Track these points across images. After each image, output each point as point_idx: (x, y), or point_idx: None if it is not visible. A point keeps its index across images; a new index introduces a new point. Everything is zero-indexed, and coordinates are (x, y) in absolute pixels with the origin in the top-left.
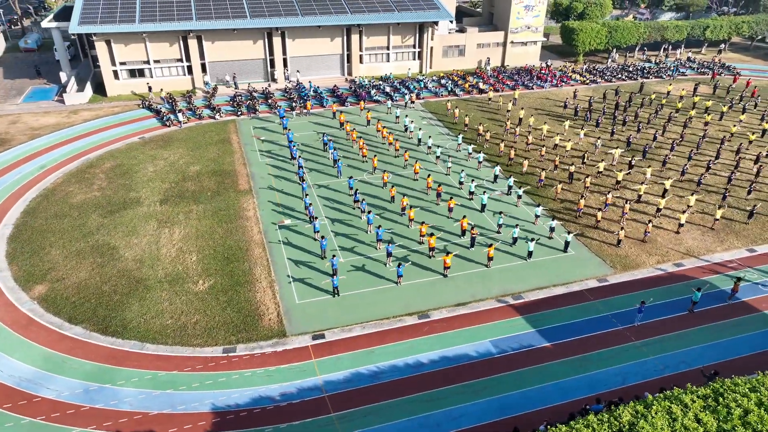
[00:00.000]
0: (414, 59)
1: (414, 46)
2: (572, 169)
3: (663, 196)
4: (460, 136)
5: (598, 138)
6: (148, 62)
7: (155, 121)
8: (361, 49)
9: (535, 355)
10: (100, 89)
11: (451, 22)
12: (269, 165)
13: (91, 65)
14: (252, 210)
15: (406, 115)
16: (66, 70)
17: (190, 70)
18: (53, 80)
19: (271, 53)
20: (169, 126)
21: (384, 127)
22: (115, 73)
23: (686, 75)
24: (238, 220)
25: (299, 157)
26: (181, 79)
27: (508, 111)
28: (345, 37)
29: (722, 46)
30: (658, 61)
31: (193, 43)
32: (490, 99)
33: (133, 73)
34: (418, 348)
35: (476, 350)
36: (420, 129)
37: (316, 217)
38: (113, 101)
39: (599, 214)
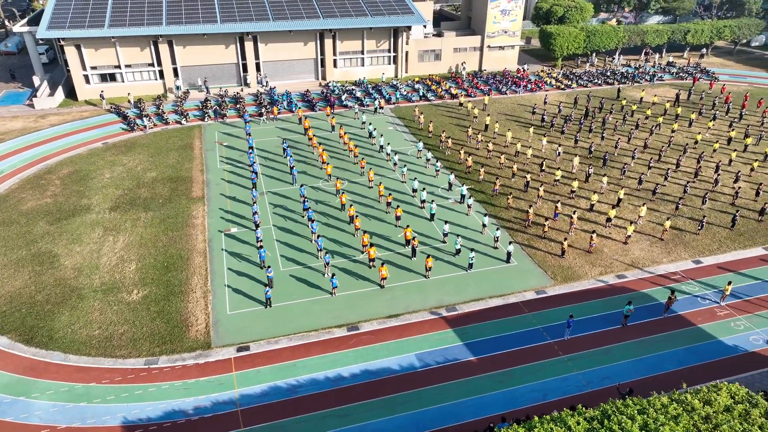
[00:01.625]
0: (389, 63)
1: (389, 51)
2: (528, 177)
3: (617, 206)
4: (420, 143)
5: (559, 146)
6: (119, 67)
7: (122, 127)
8: (335, 54)
9: (459, 369)
10: (73, 93)
11: (425, 26)
12: (227, 171)
13: (64, 69)
14: (201, 218)
15: (370, 123)
16: (39, 74)
17: (162, 74)
18: (29, 84)
19: (244, 58)
20: (134, 131)
21: (346, 133)
22: (86, 77)
23: (663, 80)
24: (184, 228)
25: (255, 163)
26: (154, 83)
27: (475, 117)
28: (318, 42)
29: (704, 50)
30: (637, 65)
31: (164, 48)
32: (460, 104)
33: (104, 78)
34: (342, 361)
35: (400, 364)
36: (381, 135)
37: (257, 224)
38: (84, 106)
39: (546, 225)
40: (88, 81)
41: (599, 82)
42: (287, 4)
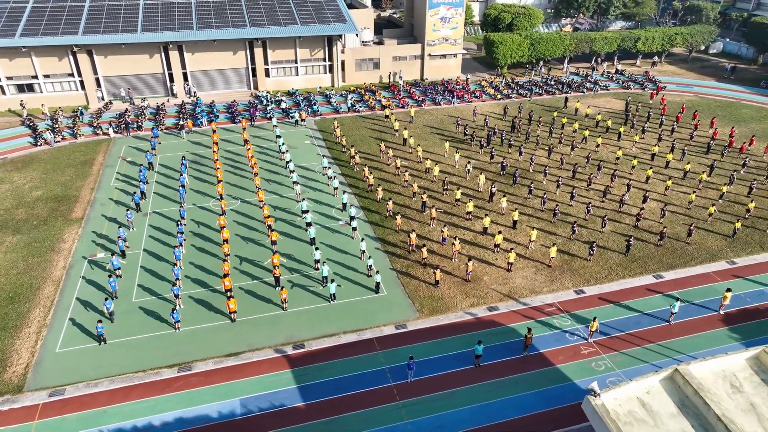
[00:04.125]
0: (326, 73)
1: (324, 60)
2: (424, 197)
3: (514, 228)
4: (325, 159)
5: (468, 161)
6: (36, 77)
7: (29, 140)
8: (266, 63)
9: (282, 416)
10: None
11: (357, 35)
12: (117, 189)
13: None
14: (71, 241)
15: (279, 136)
16: None
17: (83, 85)
18: None
19: (170, 67)
20: (39, 145)
21: (248, 148)
22: (1, 88)
23: (608, 89)
24: (48, 253)
25: (145, 181)
26: (75, 94)
27: (395, 131)
28: (248, 51)
29: (655, 58)
30: (585, 74)
31: (83, 58)
32: (386, 117)
33: (21, 88)
34: (160, 407)
35: (220, 411)
36: (287, 150)
37: (122, 252)
38: (2, 116)
39: (424, 250)
40: (3, 92)
41: (540, 91)
42: (215, 12)
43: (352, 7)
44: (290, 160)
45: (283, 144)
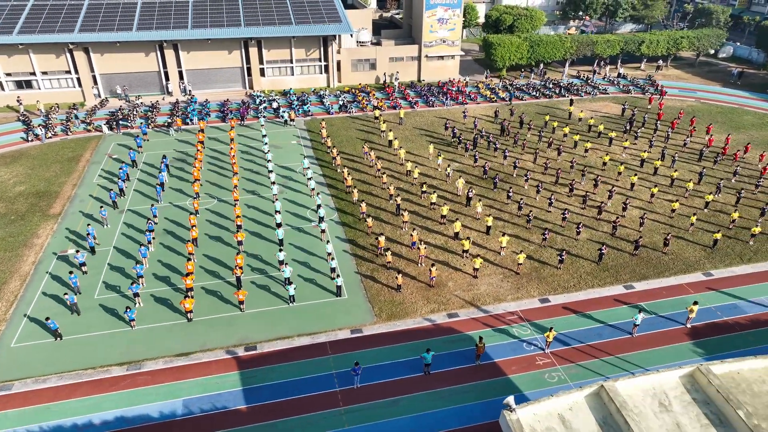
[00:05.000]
0: (321, 73)
1: (320, 60)
2: (398, 200)
3: (487, 233)
4: (306, 160)
5: (449, 165)
6: (34, 74)
7: (21, 136)
8: (261, 62)
9: (222, 419)
10: None
11: (351, 35)
12: (99, 186)
13: None
14: (45, 237)
15: (264, 136)
16: None
17: (79, 82)
18: None
19: (166, 66)
20: (30, 141)
21: (231, 148)
22: (0, 84)
23: (608, 93)
24: (20, 248)
25: (125, 179)
26: (72, 91)
27: (382, 132)
28: (243, 50)
29: (660, 62)
30: (586, 77)
31: (80, 55)
32: (375, 118)
33: (20, 85)
34: (102, 405)
35: (162, 411)
36: (269, 151)
37: (92, 248)
38: (3, 113)
39: (388, 255)
40: (2, 88)
41: (537, 94)
42: (211, 10)
43: (352, 7)
44: (270, 160)
45: (267, 144)
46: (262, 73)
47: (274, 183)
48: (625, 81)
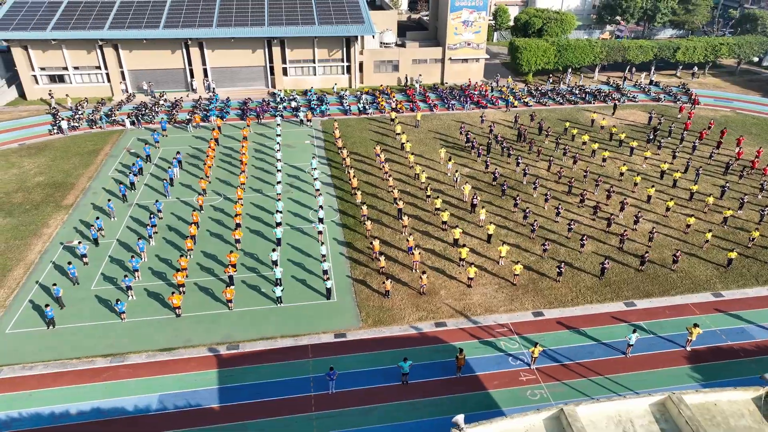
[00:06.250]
0: (343, 73)
1: (342, 60)
2: (401, 204)
3: (488, 242)
4: (314, 160)
5: (457, 171)
6: (66, 68)
7: (48, 128)
8: (284, 62)
9: (192, 417)
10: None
11: (373, 36)
12: (113, 179)
13: None
14: (55, 227)
15: (278, 135)
16: (0, 72)
17: (108, 77)
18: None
19: (191, 63)
20: (55, 134)
21: (242, 146)
22: (35, 77)
23: (636, 101)
24: (30, 237)
25: (137, 173)
26: (102, 86)
27: (398, 134)
28: (267, 49)
29: (695, 69)
30: (616, 84)
31: (109, 51)
32: (392, 120)
33: (53, 79)
34: (82, 395)
35: (137, 404)
36: (278, 150)
37: (95, 240)
38: (31, 105)
39: (382, 259)
40: (37, 81)
41: (561, 101)
42: (237, 10)
43: (379, 8)
44: (279, 159)
45: (278, 143)
46: (285, 72)
47: (279, 182)
48: (657, 88)
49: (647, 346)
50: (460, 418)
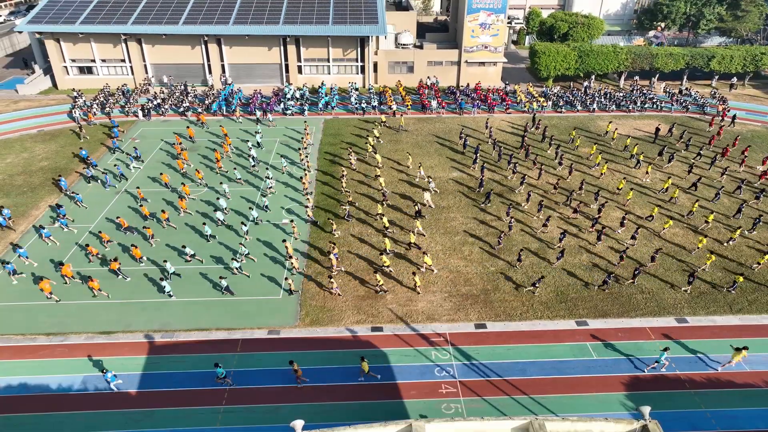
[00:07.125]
0: (358, 73)
1: (357, 60)
2: (380, 209)
3: (408, 248)
4: (284, 159)
5: (429, 176)
6: (94, 61)
7: (68, 116)
8: (299, 60)
9: (107, 399)
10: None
11: (385, 37)
12: (113, 166)
13: None
14: (43, 209)
15: (257, 132)
16: (38, 62)
17: (132, 70)
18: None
19: (209, 59)
20: (74, 122)
21: (226, 137)
22: (66, 68)
23: (660, 110)
24: (18, 218)
25: (127, 165)
26: (126, 78)
27: (376, 138)
28: (282, 47)
29: (734, 79)
30: (641, 91)
31: (133, 45)
32: (383, 122)
33: (82, 70)
34: (14, 371)
35: (60, 384)
36: (251, 148)
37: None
38: (60, 95)
39: (332, 257)
40: (67, 72)
41: (576, 107)
42: (256, 8)
43: (403, 8)
44: (251, 156)
45: (257, 141)
46: (300, 70)
47: (239, 179)
48: (688, 98)
49: (584, 368)
50: (298, 424)
